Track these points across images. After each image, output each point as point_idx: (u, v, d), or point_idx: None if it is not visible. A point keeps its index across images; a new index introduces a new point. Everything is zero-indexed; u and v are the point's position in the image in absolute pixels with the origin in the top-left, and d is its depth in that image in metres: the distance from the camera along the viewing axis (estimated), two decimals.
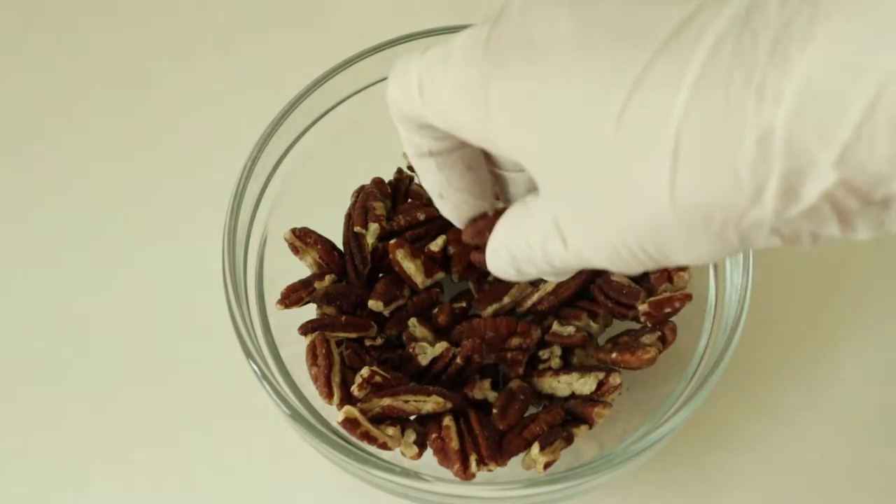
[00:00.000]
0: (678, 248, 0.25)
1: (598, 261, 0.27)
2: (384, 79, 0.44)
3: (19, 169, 0.55)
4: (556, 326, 0.42)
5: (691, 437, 0.45)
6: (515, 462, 0.39)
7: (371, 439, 0.37)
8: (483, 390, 0.41)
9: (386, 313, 0.42)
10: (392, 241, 0.42)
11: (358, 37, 0.45)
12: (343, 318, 0.41)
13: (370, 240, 0.42)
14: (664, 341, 0.41)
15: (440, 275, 0.43)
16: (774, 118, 0.21)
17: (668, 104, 0.23)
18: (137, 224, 0.52)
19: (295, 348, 0.41)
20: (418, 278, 0.42)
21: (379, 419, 0.38)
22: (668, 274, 0.42)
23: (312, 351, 0.39)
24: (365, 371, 0.39)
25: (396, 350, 0.42)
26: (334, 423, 0.39)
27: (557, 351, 0.42)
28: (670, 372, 0.41)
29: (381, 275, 0.43)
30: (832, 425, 0.46)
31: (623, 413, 0.42)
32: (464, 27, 0.42)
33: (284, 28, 0.59)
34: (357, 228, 0.42)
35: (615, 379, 0.40)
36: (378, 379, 0.39)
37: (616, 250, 0.26)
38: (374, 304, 0.41)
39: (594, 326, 0.42)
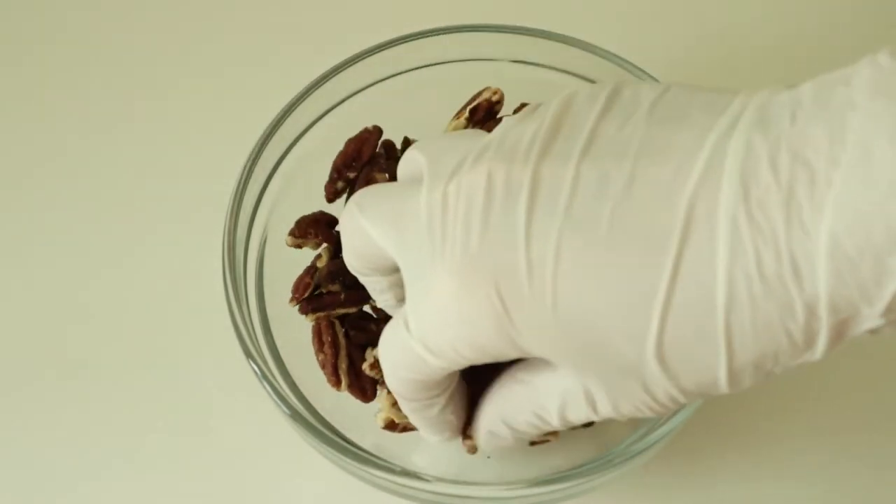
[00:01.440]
0: (722, 389, 0.26)
1: (629, 412, 0.28)
2: (384, 78, 0.45)
3: (20, 169, 0.55)
4: None
5: (691, 437, 0.45)
6: (516, 463, 0.39)
7: (410, 429, 0.38)
8: None
9: None
10: None
11: (359, 37, 0.45)
12: (342, 295, 0.41)
13: None
14: None
15: None
16: (817, 288, 0.22)
17: (708, 290, 0.23)
18: (137, 224, 0.52)
19: (295, 347, 0.41)
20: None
21: None
22: None
23: (318, 337, 0.40)
24: (378, 351, 0.39)
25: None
26: (334, 423, 0.39)
27: None
28: None
29: None
30: (834, 425, 0.45)
31: None
32: (464, 27, 0.42)
33: (285, 27, 0.59)
34: None
35: None
36: None
37: (656, 405, 0.27)
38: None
39: None
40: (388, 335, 0.31)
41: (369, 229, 0.31)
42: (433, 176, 0.29)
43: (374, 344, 0.41)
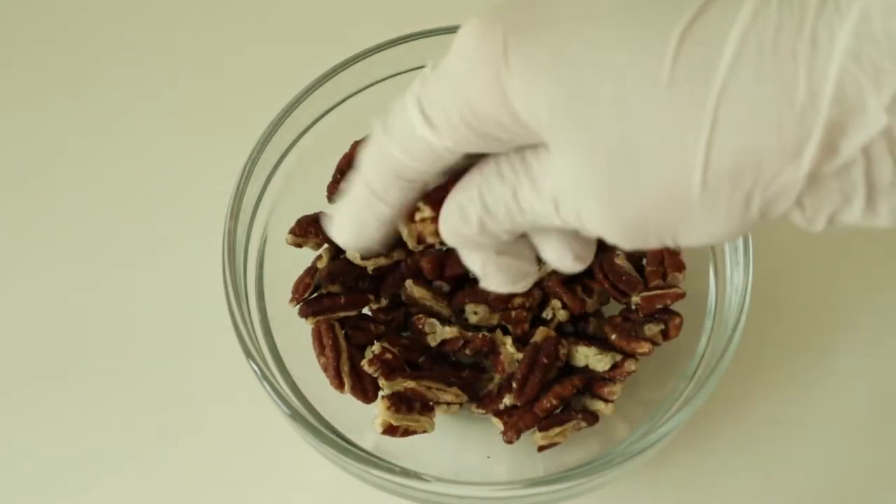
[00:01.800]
0: (693, 224, 0.24)
1: (606, 233, 0.25)
2: (385, 78, 0.45)
3: (19, 169, 0.55)
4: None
5: (691, 437, 0.45)
6: (516, 463, 0.39)
7: (411, 433, 0.39)
8: (509, 356, 0.41)
9: (369, 270, 0.42)
10: None
11: (359, 36, 0.45)
12: (342, 298, 0.41)
13: None
14: (666, 335, 0.41)
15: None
16: (829, 65, 0.21)
17: (714, 59, 0.22)
18: (137, 224, 0.52)
19: (295, 349, 0.41)
20: (410, 242, 0.42)
21: (405, 399, 0.39)
22: (662, 271, 0.42)
23: (319, 340, 0.40)
24: (376, 347, 0.39)
25: (400, 308, 0.43)
26: (334, 423, 0.39)
27: (558, 304, 0.42)
28: (670, 372, 0.41)
29: None
30: (833, 425, 0.45)
31: (623, 413, 0.42)
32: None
33: (285, 27, 0.59)
34: None
35: (630, 365, 0.40)
36: (388, 356, 0.39)
37: (627, 228, 0.25)
38: (351, 255, 0.42)
39: (589, 301, 0.43)
40: (394, 105, 0.28)
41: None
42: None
43: (373, 344, 0.42)
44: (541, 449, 0.40)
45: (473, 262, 0.30)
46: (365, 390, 0.40)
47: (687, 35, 0.22)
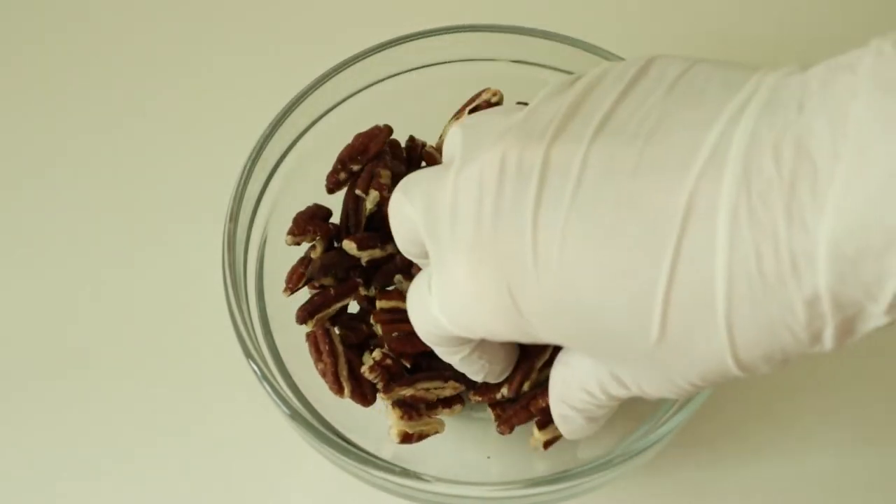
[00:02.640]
0: (735, 375, 0.26)
1: (655, 394, 0.29)
2: (385, 78, 0.45)
3: (19, 170, 0.55)
4: None
5: (691, 437, 0.45)
6: (516, 463, 0.39)
7: (425, 436, 0.39)
8: None
9: (363, 261, 0.42)
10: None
11: (359, 36, 0.45)
12: (331, 290, 0.41)
13: (369, 205, 0.42)
14: None
15: None
16: (817, 286, 0.22)
17: (707, 284, 0.23)
18: (137, 224, 0.52)
19: (295, 348, 0.41)
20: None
21: (411, 405, 0.39)
22: None
23: (316, 346, 0.40)
24: (377, 354, 0.39)
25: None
26: (334, 423, 0.39)
27: None
28: None
29: None
30: (834, 423, 0.45)
31: (623, 413, 0.42)
32: (464, 27, 0.42)
33: (285, 27, 0.59)
34: (358, 191, 0.42)
35: None
36: (389, 361, 0.39)
37: (678, 389, 0.27)
38: (347, 245, 0.42)
39: None
40: (413, 293, 0.32)
41: (410, 212, 0.31)
42: (464, 156, 0.28)
43: (367, 344, 0.42)
44: (547, 445, 0.40)
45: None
46: (364, 394, 0.40)
47: (674, 274, 0.24)
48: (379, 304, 0.41)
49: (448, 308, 0.29)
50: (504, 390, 0.40)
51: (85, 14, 0.60)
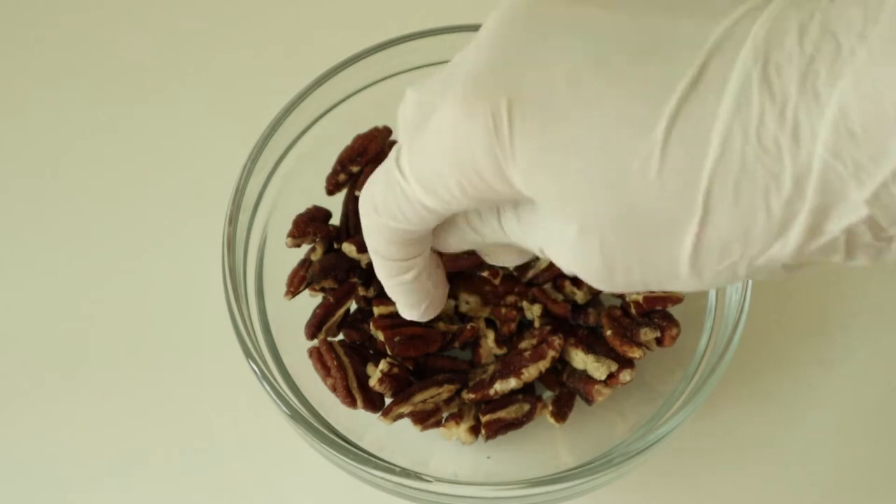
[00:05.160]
0: (682, 280, 0.25)
1: (589, 278, 0.27)
2: (385, 78, 0.45)
3: (19, 170, 0.55)
4: (548, 288, 0.43)
5: (691, 437, 0.45)
6: (516, 463, 0.39)
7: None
8: (487, 350, 0.42)
9: (363, 263, 0.42)
10: None
11: (358, 36, 0.45)
12: (331, 298, 0.41)
13: None
14: (660, 342, 0.41)
15: None
16: (812, 159, 0.22)
17: (700, 148, 0.23)
18: (137, 224, 0.52)
19: (295, 349, 0.41)
20: None
21: (426, 417, 0.40)
22: None
23: (322, 362, 0.39)
24: (383, 365, 0.39)
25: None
26: (334, 423, 0.39)
27: (537, 310, 0.43)
28: (670, 372, 0.41)
29: None
30: (834, 425, 0.45)
31: (622, 413, 0.42)
32: (464, 27, 0.42)
33: (284, 27, 0.59)
34: (358, 193, 0.43)
35: (625, 376, 0.40)
36: (396, 371, 0.39)
37: (618, 288, 0.26)
38: (347, 248, 0.42)
39: (578, 294, 0.43)
40: (376, 177, 0.29)
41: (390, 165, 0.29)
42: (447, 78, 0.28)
43: (370, 348, 0.42)
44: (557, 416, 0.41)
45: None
46: (373, 401, 0.40)
47: (675, 121, 0.23)
48: (377, 310, 0.41)
49: (422, 159, 0.27)
50: (497, 386, 0.40)
51: (85, 14, 0.60)
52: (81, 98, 0.57)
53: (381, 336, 0.40)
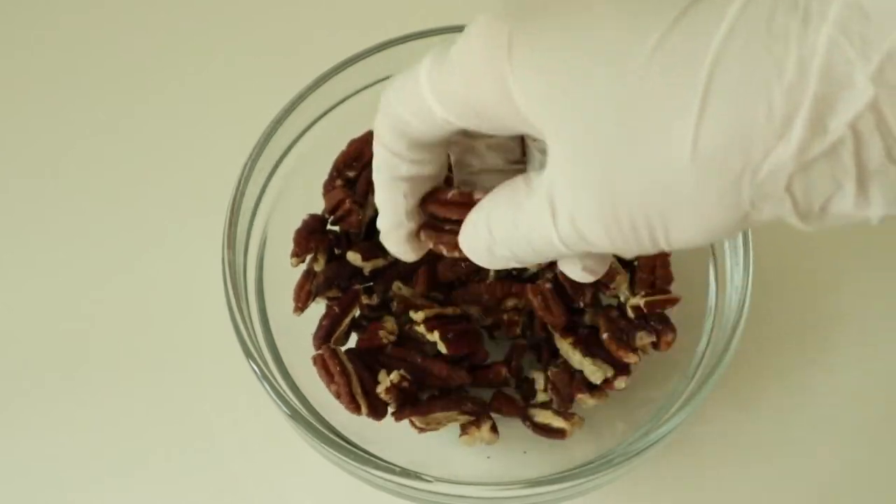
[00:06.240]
0: (685, 216, 0.24)
1: (594, 235, 0.26)
2: (384, 78, 0.45)
3: (19, 170, 0.55)
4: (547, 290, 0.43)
5: (691, 437, 0.45)
6: (516, 463, 0.39)
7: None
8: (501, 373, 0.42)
9: (366, 271, 0.42)
10: None
11: (358, 36, 0.45)
12: (336, 308, 0.41)
13: (368, 212, 0.42)
14: (656, 347, 0.41)
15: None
16: (817, 38, 0.21)
17: (706, 36, 0.22)
18: (137, 224, 0.52)
19: (295, 349, 0.41)
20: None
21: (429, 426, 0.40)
22: (653, 280, 0.41)
23: (326, 369, 0.39)
24: (394, 376, 0.39)
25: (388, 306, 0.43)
26: (334, 423, 0.39)
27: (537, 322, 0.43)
28: (670, 372, 0.41)
29: None
30: (833, 424, 0.45)
31: (623, 413, 0.42)
32: (461, 27, 0.42)
33: (284, 27, 0.59)
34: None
35: (620, 383, 0.40)
36: (405, 384, 0.39)
37: (618, 220, 0.25)
38: (352, 256, 0.42)
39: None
40: (399, 79, 0.30)
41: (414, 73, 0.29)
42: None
43: (379, 354, 0.41)
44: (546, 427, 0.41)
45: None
46: (377, 408, 0.40)
47: (681, 17, 0.23)
48: (416, 316, 0.40)
49: (440, 71, 0.28)
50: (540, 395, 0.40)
51: (85, 14, 0.60)
52: (81, 98, 0.57)
53: (434, 336, 0.40)
